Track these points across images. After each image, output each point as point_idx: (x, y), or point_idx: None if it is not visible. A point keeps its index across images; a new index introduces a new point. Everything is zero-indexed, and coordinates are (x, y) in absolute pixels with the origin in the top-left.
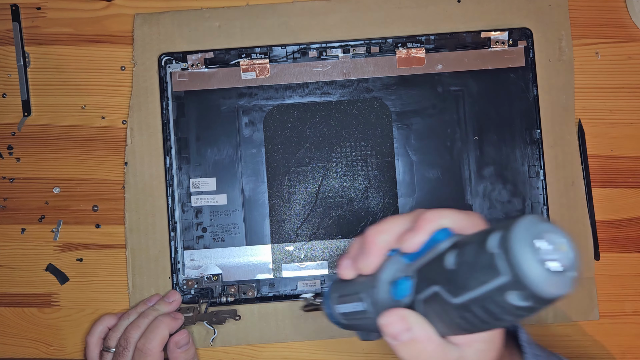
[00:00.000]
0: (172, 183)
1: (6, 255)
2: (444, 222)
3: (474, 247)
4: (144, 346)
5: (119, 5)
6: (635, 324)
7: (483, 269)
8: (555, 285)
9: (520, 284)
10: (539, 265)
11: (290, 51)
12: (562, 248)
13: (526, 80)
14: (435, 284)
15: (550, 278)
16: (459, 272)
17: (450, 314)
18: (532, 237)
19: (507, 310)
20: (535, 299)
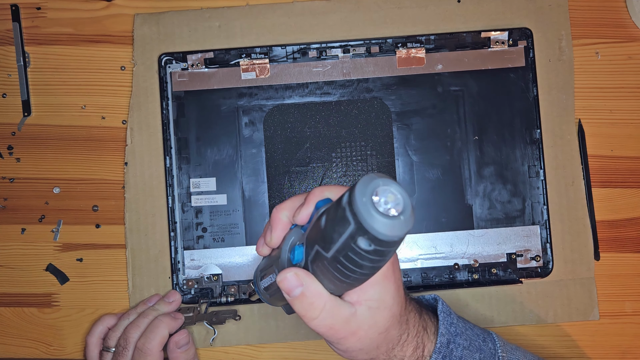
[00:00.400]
0: (172, 183)
1: (6, 255)
2: (327, 194)
3: (334, 205)
4: (144, 346)
5: (119, 5)
6: (635, 324)
7: (339, 221)
8: (391, 228)
9: (363, 229)
10: (375, 211)
11: (290, 51)
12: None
13: (526, 80)
14: (315, 244)
15: (385, 222)
16: (326, 229)
17: (328, 268)
18: (371, 190)
19: (361, 255)
20: (378, 242)
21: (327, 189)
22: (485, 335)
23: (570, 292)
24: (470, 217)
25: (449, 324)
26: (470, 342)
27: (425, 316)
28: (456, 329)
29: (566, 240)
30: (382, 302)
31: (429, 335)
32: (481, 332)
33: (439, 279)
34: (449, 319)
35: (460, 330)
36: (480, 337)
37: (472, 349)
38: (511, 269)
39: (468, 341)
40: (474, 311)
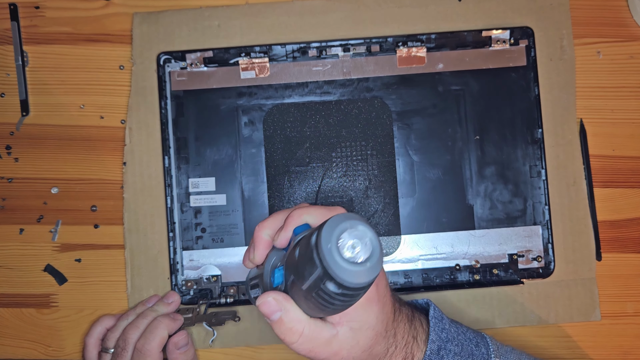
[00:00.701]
0: (171, 183)
1: (4, 256)
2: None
3: (306, 241)
4: (143, 347)
5: (118, 4)
6: (637, 324)
7: (309, 261)
8: (357, 275)
9: (329, 276)
10: (340, 259)
11: (290, 50)
12: (362, 241)
13: (527, 80)
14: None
15: (351, 269)
16: (299, 264)
17: (304, 298)
18: (337, 235)
19: (331, 296)
20: (344, 287)
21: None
22: (479, 339)
23: (572, 293)
24: (471, 218)
25: (440, 330)
26: (462, 348)
27: (417, 323)
28: (447, 335)
29: (568, 240)
30: (364, 322)
31: (419, 344)
32: (474, 336)
33: (440, 280)
34: (440, 325)
35: (451, 335)
36: (472, 341)
37: (463, 355)
38: (512, 269)
39: (460, 347)
40: (475, 312)
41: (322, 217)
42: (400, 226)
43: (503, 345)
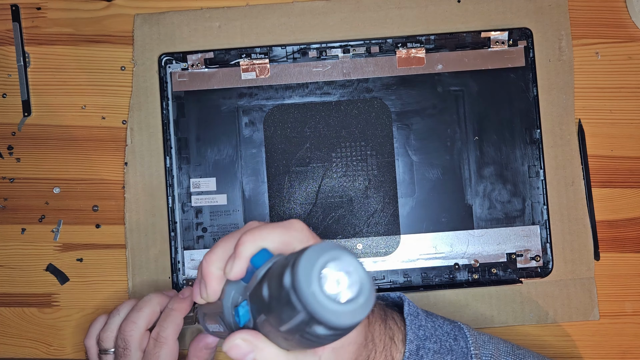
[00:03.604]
0: (172, 183)
1: (6, 255)
2: (261, 244)
3: (276, 282)
4: (159, 335)
5: (119, 6)
6: (635, 324)
7: (286, 305)
8: (350, 315)
9: (316, 320)
10: (327, 300)
11: (290, 51)
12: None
13: (526, 80)
14: (262, 313)
15: (341, 310)
16: (272, 305)
17: (285, 338)
18: (317, 272)
19: (321, 337)
20: (336, 328)
21: (259, 235)
22: (456, 331)
23: (570, 292)
24: (470, 217)
25: (417, 328)
26: (440, 345)
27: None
28: (425, 332)
29: (566, 240)
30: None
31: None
32: (451, 329)
33: (439, 279)
34: (416, 322)
35: (429, 332)
36: (451, 335)
37: (442, 352)
38: (511, 268)
39: (438, 344)
40: (474, 311)
41: (279, 240)
42: (400, 226)
43: (480, 334)
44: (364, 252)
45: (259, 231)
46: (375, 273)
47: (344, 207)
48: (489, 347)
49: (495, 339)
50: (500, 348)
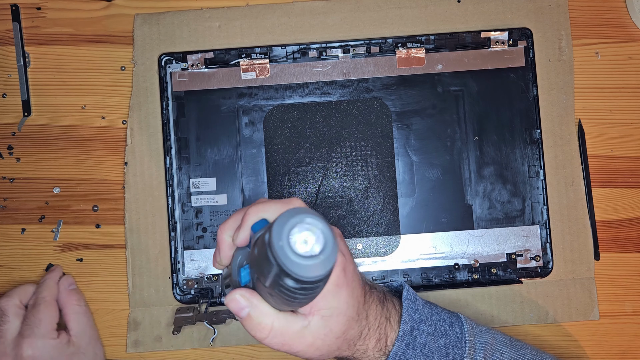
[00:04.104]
0: (172, 183)
1: (6, 255)
2: (262, 215)
3: (261, 240)
4: (37, 297)
5: (119, 6)
6: (635, 324)
7: (264, 260)
8: (312, 269)
9: (285, 273)
10: (293, 254)
11: (290, 51)
12: (313, 234)
13: (526, 80)
14: (255, 271)
15: (305, 264)
16: (258, 262)
17: (270, 294)
18: (287, 230)
19: (292, 291)
20: (303, 282)
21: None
22: (453, 319)
23: (570, 292)
24: (470, 217)
25: (413, 311)
26: (435, 328)
27: (389, 305)
28: (420, 316)
29: (566, 240)
30: (335, 309)
31: (393, 325)
32: (449, 317)
33: (439, 279)
34: (413, 306)
35: (425, 316)
36: (447, 321)
37: (436, 335)
38: (511, 268)
39: (433, 327)
40: (474, 311)
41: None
42: (400, 226)
43: (478, 325)
44: (364, 252)
45: (262, 204)
46: (375, 273)
47: (344, 207)
48: (486, 336)
49: (493, 331)
50: (497, 338)
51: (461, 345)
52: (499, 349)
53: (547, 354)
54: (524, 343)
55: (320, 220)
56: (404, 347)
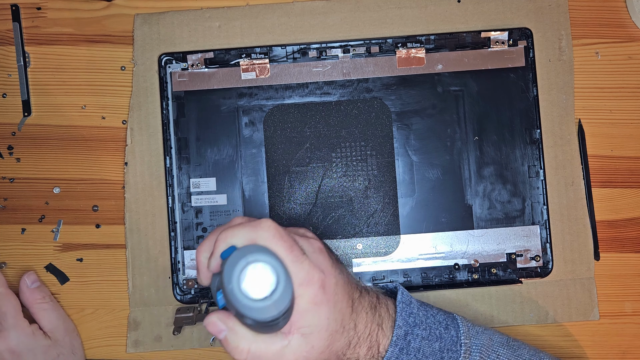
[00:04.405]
0: (172, 183)
1: (6, 255)
2: (231, 241)
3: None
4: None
5: (119, 5)
6: (635, 324)
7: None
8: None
9: (240, 314)
10: (244, 298)
11: (290, 51)
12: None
13: (526, 80)
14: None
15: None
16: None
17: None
18: (238, 272)
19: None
20: (259, 322)
21: (231, 234)
22: (449, 321)
23: (570, 292)
24: (470, 217)
25: (408, 315)
26: (430, 332)
27: (382, 310)
28: (415, 319)
29: (566, 240)
30: (315, 326)
31: (385, 331)
32: (444, 319)
33: (439, 279)
34: (407, 309)
35: (419, 320)
36: (442, 324)
37: (431, 339)
38: (511, 269)
39: (427, 330)
40: (474, 311)
41: (246, 237)
42: (400, 226)
43: (474, 326)
44: (364, 252)
45: (231, 230)
46: (375, 273)
47: (344, 207)
48: (482, 337)
49: (490, 331)
50: (494, 339)
51: (456, 348)
52: (496, 350)
53: (545, 354)
54: (522, 343)
55: (271, 258)
56: (398, 352)
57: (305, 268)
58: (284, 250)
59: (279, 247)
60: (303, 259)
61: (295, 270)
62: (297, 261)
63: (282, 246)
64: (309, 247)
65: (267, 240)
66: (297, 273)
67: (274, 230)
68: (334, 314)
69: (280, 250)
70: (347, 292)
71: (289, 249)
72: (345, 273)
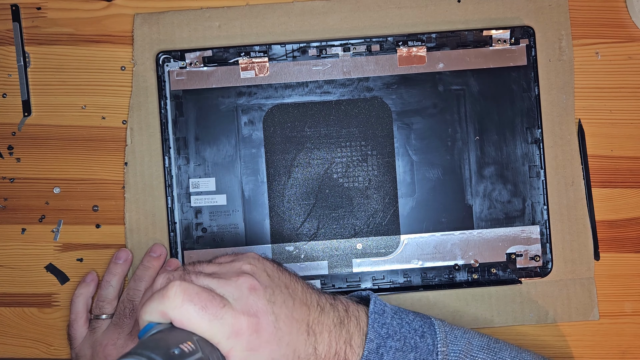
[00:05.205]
0: (172, 183)
1: (6, 255)
2: (146, 319)
3: None
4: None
5: (119, 5)
6: (635, 324)
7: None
8: None
9: None
10: None
11: (290, 49)
12: None
13: (528, 79)
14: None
15: None
16: None
17: None
18: None
19: None
20: None
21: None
22: (425, 328)
23: (570, 292)
24: (470, 217)
25: (380, 326)
26: (404, 342)
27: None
28: (388, 330)
29: (566, 240)
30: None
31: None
32: (420, 326)
33: (438, 279)
34: (380, 320)
35: (393, 330)
36: (418, 332)
37: (405, 350)
38: (511, 269)
39: (402, 341)
40: (474, 311)
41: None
42: (400, 226)
43: (453, 330)
44: (364, 252)
45: (143, 308)
46: (375, 273)
47: (344, 207)
48: (460, 342)
49: (470, 334)
50: (474, 342)
51: (433, 357)
52: (475, 355)
53: (528, 353)
54: (505, 343)
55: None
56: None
57: (228, 321)
58: (196, 314)
59: (190, 311)
60: (223, 313)
61: (217, 327)
62: (216, 318)
63: (193, 309)
64: (235, 292)
65: (176, 309)
66: (220, 329)
67: (181, 295)
68: (280, 350)
69: (192, 315)
70: (296, 320)
71: (202, 310)
72: (294, 298)
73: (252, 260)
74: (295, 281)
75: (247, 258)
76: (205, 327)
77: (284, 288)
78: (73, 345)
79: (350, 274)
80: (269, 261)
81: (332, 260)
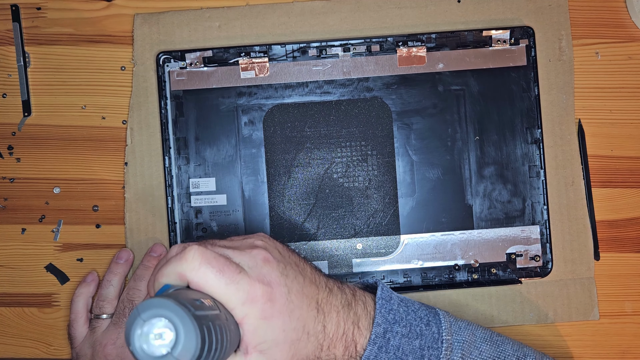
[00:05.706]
0: (172, 183)
1: (6, 255)
2: (162, 281)
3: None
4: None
5: (119, 6)
6: (635, 324)
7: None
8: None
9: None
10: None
11: (290, 50)
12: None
13: (527, 79)
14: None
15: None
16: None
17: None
18: (136, 328)
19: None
20: None
21: (160, 275)
22: (431, 317)
23: (570, 292)
24: (470, 217)
25: (387, 312)
26: (410, 329)
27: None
28: (395, 316)
29: (566, 240)
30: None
31: (362, 330)
32: (426, 315)
33: (438, 279)
34: (387, 306)
35: (399, 316)
36: (423, 320)
37: (411, 336)
38: (511, 268)
39: (408, 328)
40: (474, 311)
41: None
42: (400, 226)
43: (457, 321)
44: (364, 252)
45: (160, 271)
46: (375, 273)
47: (344, 207)
48: (464, 333)
49: (474, 326)
50: (477, 334)
51: (437, 345)
52: (478, 346)
53: (529, 349)
54: (506, 338)
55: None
56: (377, 350)
57: (244, 287)
58: (213, 276)
59: (207, 274)
60: (239, 278)
61: (233, 291)
62: (232, 282)
63: (210, 272)
64: (250, 261)
65: (194, 271)
66: (235, 294)
67: (199, 258)
68: (292, 323)
69: (209, 277)
70: (307, 296)
71: (219, 273)
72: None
73: (263, 238)
74: (304, 262)
75: (259, 236)
76: (222, 291)
77: (294, 265)
78: (73, 344)
79: (350, 274)
80: (279, 241)
81: (332, 260)
